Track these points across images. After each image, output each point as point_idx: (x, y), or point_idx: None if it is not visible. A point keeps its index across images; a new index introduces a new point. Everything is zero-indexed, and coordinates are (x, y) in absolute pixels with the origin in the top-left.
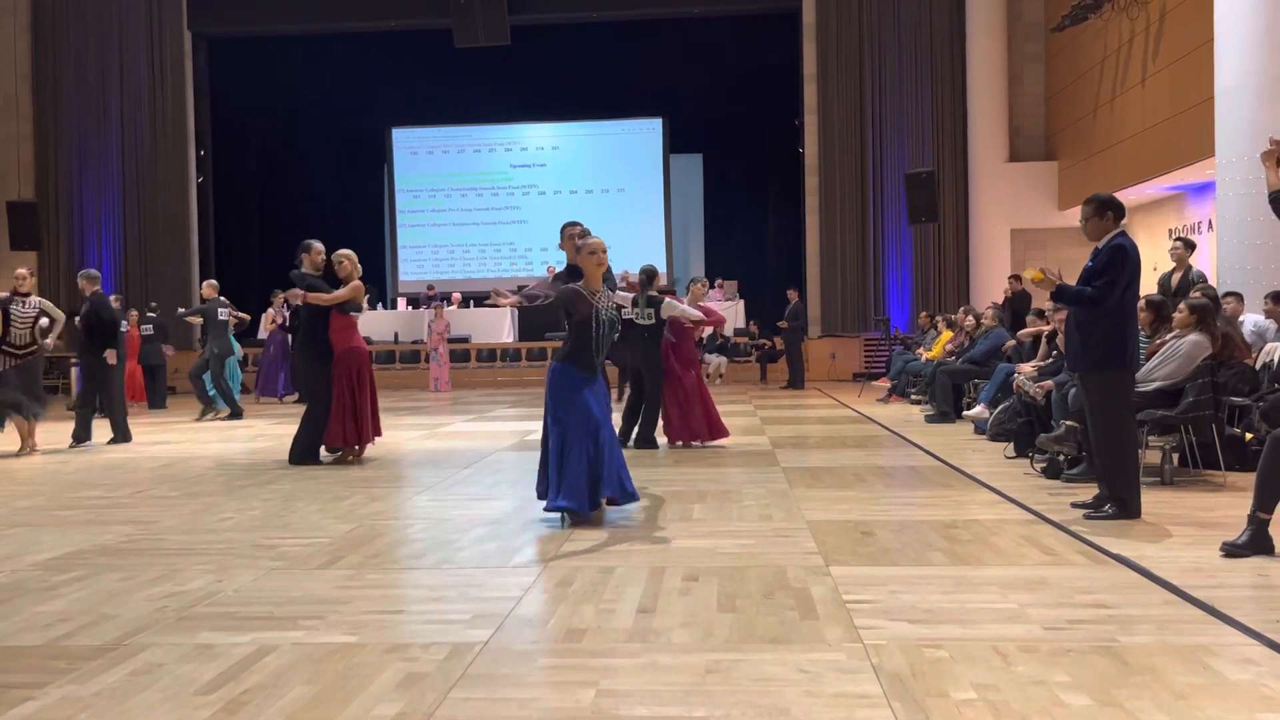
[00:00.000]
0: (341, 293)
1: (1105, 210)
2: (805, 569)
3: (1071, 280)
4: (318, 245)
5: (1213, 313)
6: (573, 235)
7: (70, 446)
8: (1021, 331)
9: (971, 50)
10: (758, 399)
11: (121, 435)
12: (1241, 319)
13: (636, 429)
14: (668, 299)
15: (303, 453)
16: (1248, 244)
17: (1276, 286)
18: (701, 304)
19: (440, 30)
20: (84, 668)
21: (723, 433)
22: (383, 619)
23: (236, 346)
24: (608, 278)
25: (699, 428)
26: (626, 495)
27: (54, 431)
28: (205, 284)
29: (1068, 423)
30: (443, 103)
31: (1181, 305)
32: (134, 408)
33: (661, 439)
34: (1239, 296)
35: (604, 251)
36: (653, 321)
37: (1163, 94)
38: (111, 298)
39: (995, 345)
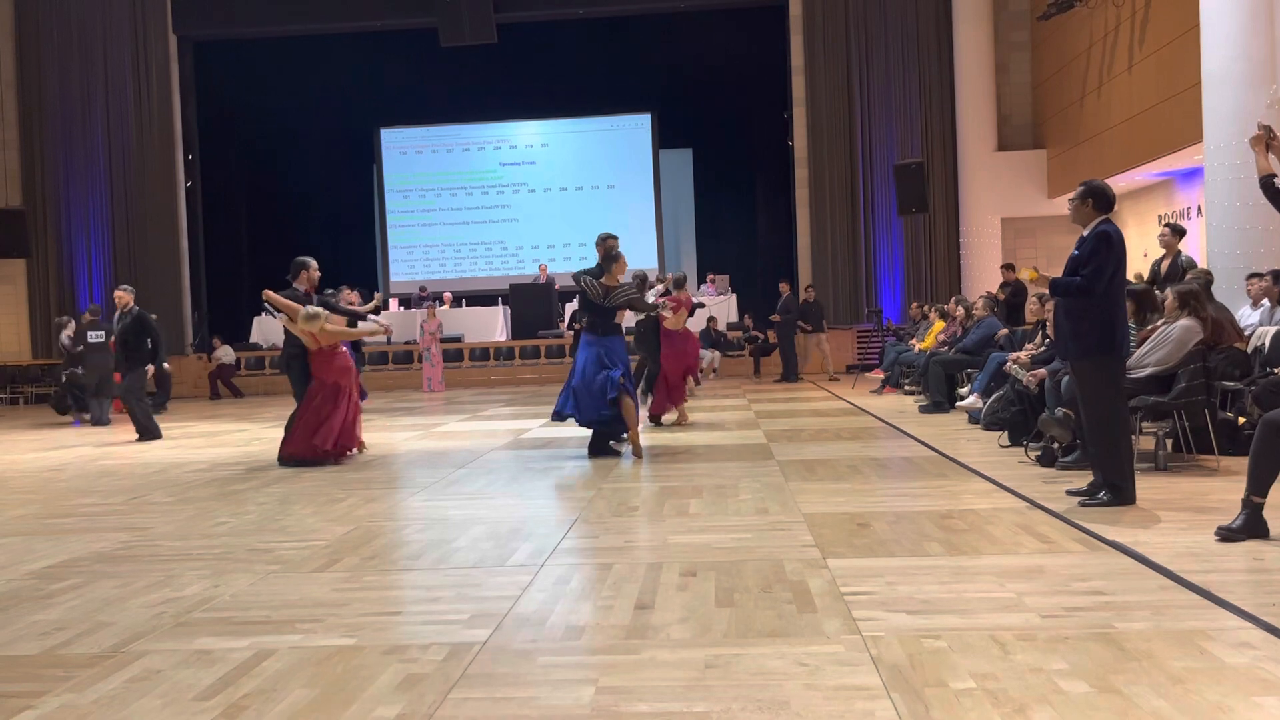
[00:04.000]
0: (356, 330)
1: (1088, 197)
2: (802, 562)
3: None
4: (314, 263)
5: (1201, 298)
6: (606, 241)
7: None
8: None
9: (958, 39)
10: (751, 393)
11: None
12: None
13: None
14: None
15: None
16: (1236, 228)
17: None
18: (666, 298)
19: (427, 29)
20: (81, 676)
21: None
22: (381, 620)
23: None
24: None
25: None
26: (590, 423)
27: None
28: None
29: (1064, 410)
30: (431, 102)
31: (1168, 292)
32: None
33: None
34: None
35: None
36: (641, 316)
37: (1149, 80)
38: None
39: (987, 334)
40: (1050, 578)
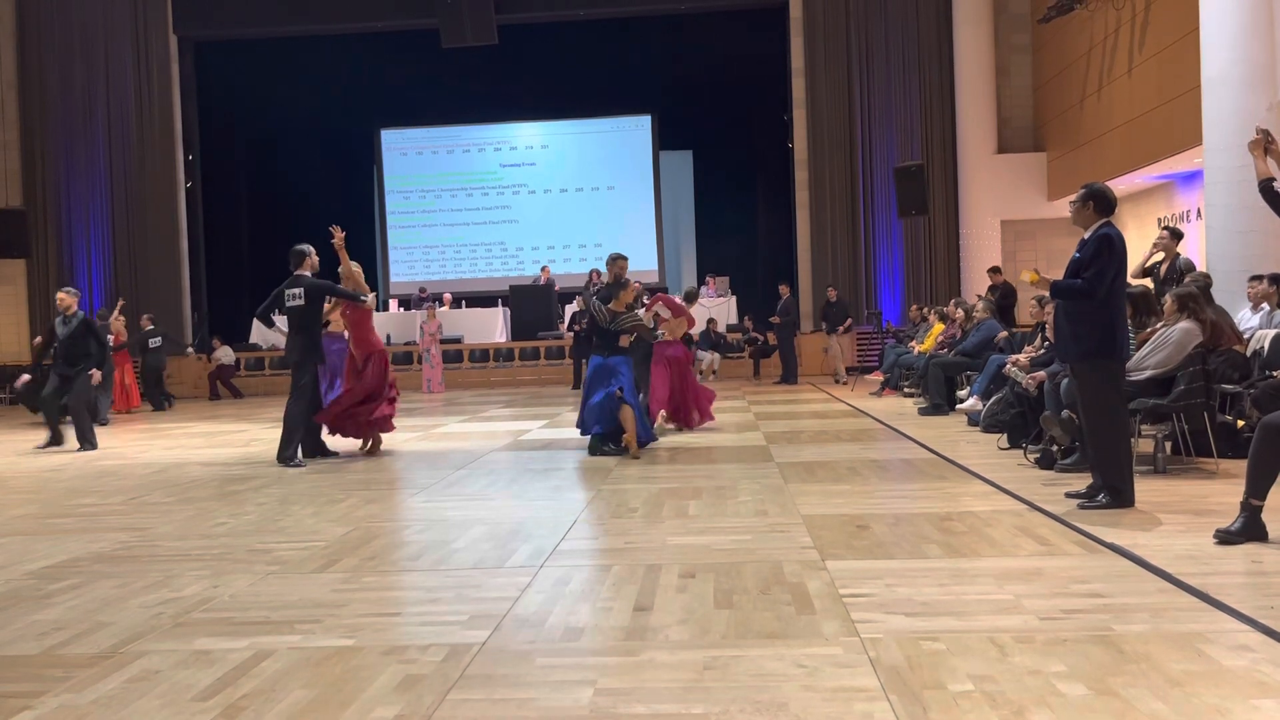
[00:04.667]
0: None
1: (1089, 200)
2: (801, 564)
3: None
4: (313, 249)
5: (1200, 300)
6: (617, 261)
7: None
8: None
9: (959, 42)
10: (751, 394)
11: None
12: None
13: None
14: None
15: (289, 449)
16: (1235, 231)
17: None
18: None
19: (428, 31)
20: (80, 676)
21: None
22: (380, 621)
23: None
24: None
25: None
26: (587, 431)
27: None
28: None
29: (1069, 413)
30: (431, 103)
31: (1167, 296)
32: (135, 413)
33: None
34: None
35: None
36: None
37: (1149, 83)
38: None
39: (987, 337)
40: (1049, 580)
